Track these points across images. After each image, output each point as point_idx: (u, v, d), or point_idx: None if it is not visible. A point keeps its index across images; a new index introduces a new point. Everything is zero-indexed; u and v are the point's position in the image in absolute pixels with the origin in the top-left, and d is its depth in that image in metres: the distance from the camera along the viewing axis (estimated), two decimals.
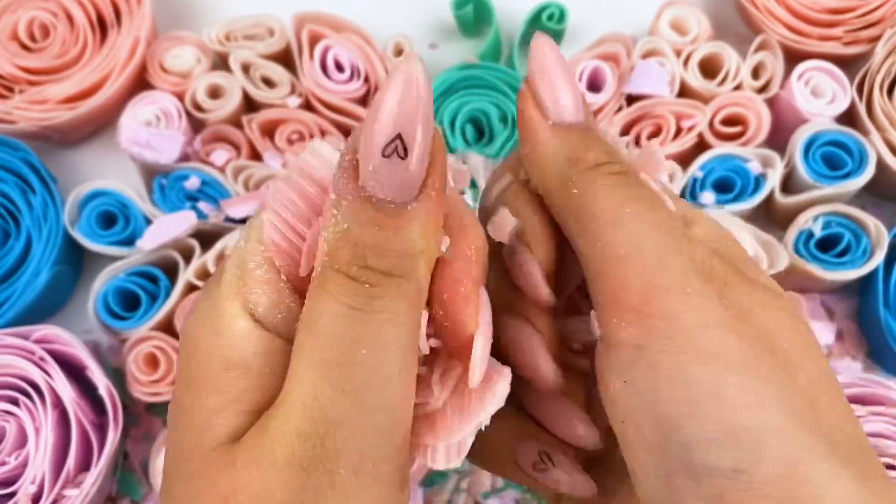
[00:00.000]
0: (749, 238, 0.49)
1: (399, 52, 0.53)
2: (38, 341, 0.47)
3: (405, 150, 0.19)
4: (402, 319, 0.19)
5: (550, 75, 0.23)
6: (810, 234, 0.49)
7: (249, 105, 0.54)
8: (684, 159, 0.51)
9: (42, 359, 0.46)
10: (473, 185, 0.51)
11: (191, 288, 0.49)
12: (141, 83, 0.54)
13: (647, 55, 0.53)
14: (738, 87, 0.52)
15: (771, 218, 0.53)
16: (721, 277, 0.21)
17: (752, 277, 0.22)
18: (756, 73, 0.53)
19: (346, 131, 0.53)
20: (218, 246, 0.50)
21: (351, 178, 0.19)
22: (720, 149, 0.51)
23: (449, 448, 0.22)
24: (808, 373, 0.20)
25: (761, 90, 0.53)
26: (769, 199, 0.51)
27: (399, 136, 0.19)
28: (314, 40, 0.53)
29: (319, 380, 0.19)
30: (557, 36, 0.56)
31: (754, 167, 0.50)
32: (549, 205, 0.23)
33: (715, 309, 0.20)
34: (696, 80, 0.52)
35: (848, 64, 0.53)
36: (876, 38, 0.52)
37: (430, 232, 0.20)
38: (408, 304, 0.20)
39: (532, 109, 0.23)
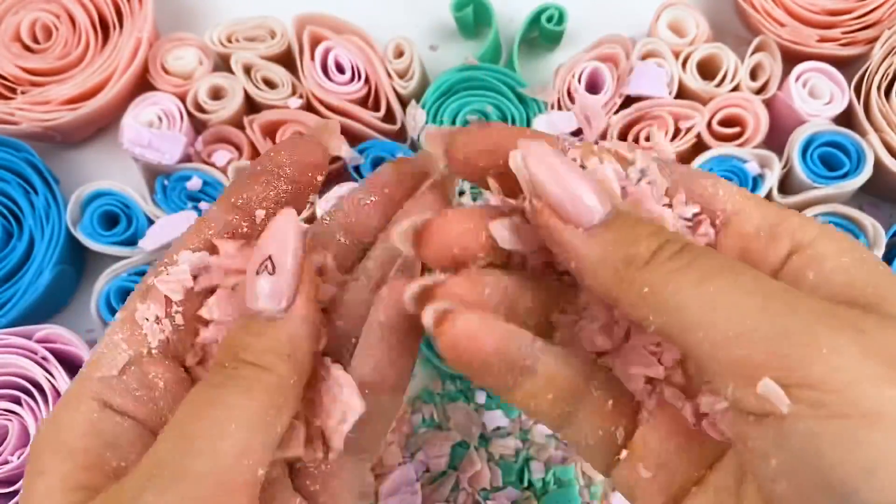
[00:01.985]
0: None
1: (399, 53, 0.54)
2: (40, 341, 0.47)
3: (273, 268, 0.23)
4: (255, 395, 0.22)
5: (560, 180, 0.22)
6: None
7: (251, 106, 0.54)
8: (683, 160, 0.52)
9: (44, 358, 0.47)
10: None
11: None
12: (143, 84, 0.54)
13: (645, 56, 0.53)
14: (736, 89, 0.53)
15: None
16: (851, 324, 0.19)
17: (885, 309, 0.20)
18: (754, 74, 0.53)
19: (346, 132, 0.53)
20: None
21: (241, 298, 0.24)
22: (718, 149, 0.51)
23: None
24: None
25: (759, 91, 0.53)
26: (767, 199, 0.51)
27: (269, 258, 0.23)
28: (315, 42, 0.54)
29: (165, 432, 0.22)
30: (556, 37, 0.56)
31: (752, 168, 0.51)
32: (619, 307, 0.22)
33: (858, 361, 0.19)
34: (694, 82, 0.52)
35: (846, 65, 0.53)
36: (874, 40, 0.52)
37: (301, 341, 0.23)
38: (263, 389, 0.22)
39: (557, 222, 0.22)
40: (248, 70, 0.54)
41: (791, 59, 0.53)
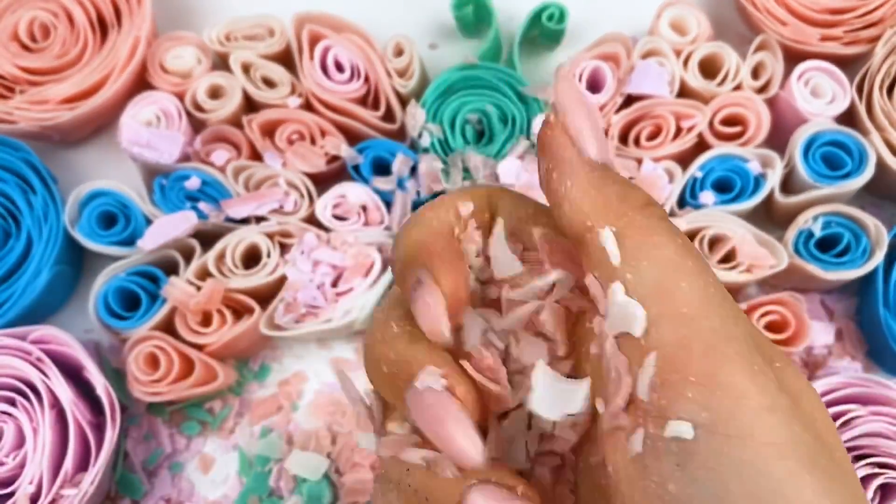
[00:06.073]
0: (749, 237, 0.49)
1: (399, 52, 0.53)
2: (35, 342, 0.47)
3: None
4: None
5: (582, 114, 0.22)
6: (810, 234, 0.49)
7: (250, 105, 0.54)
8: (684, 159, 0.51)
9: (39, 359, 0.46)
10: (468, 173, 0.51)
11: None
12: (141, 83, 0.54)
13: (646, 55, 0.53)
14: (737, 87, 0.52)
15: (771, 218, 0.53)
16: (769, 355, 0.19)
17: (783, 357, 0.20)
18: (756, 73, 0.53)
19: (345, 131, 0.53)
20: (218, 246, 0.50)
21: None
22: (720, 149, 0.51)
23: None
24: (842, 458, 0.19)
25: (761, 90, 0.53)
26: (769, 199, 0.51)
27: None
28: (314, 40, 0.53)
29: None
30: (557, 36, 0.56)
31: (754, 167, 0.50)
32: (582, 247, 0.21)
33: (776, 391, 0.18)
34: (695, 80, 0.52)
35: (848, 64, 0.53)
36: (876, 38, 0.52)
37: None
38: None
39: (566, 139, 0.22)
40: (246, 69, 0.53)
41: (793, 57, 0.53)
